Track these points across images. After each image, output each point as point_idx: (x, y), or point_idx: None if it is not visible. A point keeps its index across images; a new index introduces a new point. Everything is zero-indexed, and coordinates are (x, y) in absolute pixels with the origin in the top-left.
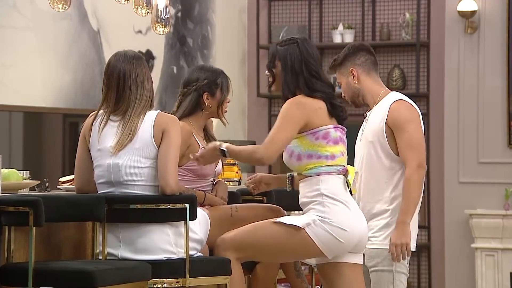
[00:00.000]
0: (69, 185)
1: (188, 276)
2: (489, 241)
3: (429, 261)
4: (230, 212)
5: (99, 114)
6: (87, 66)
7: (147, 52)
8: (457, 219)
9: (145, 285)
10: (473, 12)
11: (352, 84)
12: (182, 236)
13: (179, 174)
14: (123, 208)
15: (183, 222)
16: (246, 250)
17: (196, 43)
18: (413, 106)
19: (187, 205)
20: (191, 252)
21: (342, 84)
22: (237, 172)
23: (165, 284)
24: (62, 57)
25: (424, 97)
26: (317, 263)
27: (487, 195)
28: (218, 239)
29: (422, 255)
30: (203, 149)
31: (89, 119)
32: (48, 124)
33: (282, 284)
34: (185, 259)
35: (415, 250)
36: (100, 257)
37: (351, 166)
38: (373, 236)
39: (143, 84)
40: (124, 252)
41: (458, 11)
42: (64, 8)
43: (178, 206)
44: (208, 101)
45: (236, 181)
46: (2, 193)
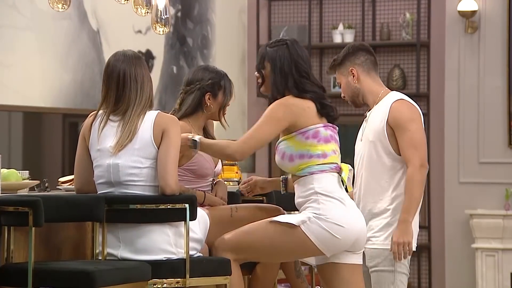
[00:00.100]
0: (69, 185)
1: (188, 276)
2: (490, 241)
3: (429, 261)
4: (230, 212)
5: (99, 114)
6: (86, 66)
7: (147, 52)
8: (457, 219)
9: (145, 285)
10: (473, 12)
11: (352, 84)
12: (182, 236)
13: (179, 174)
14: (123, 208)
15: (183, 222)
16: (243, 251)
17: (196, 43)
18: (414, 106)
19: (187, 205)
20: (191, 252)
21: (342, 84)
22: (237, 172)
23: (165, 285)
24: (62, 57)
25: (424, 97)
26: (317, 263)
27: (487, 195)
28: (216, 240)
29: (423, 255)
30: None
31: (89, 119)
32: (48, 124)
33: (282, 284)
34: (185, 259)
35: (415, 250)
36: (100, 257)
37: (344, 163)
38: (373, 236)
39: (143, 84)
40: (124, 252)
41: (459, 11)
42: (63, 8)
43: (178, 206)
44: (209, 101)
45: (236, 181)
46: (1, 193)
